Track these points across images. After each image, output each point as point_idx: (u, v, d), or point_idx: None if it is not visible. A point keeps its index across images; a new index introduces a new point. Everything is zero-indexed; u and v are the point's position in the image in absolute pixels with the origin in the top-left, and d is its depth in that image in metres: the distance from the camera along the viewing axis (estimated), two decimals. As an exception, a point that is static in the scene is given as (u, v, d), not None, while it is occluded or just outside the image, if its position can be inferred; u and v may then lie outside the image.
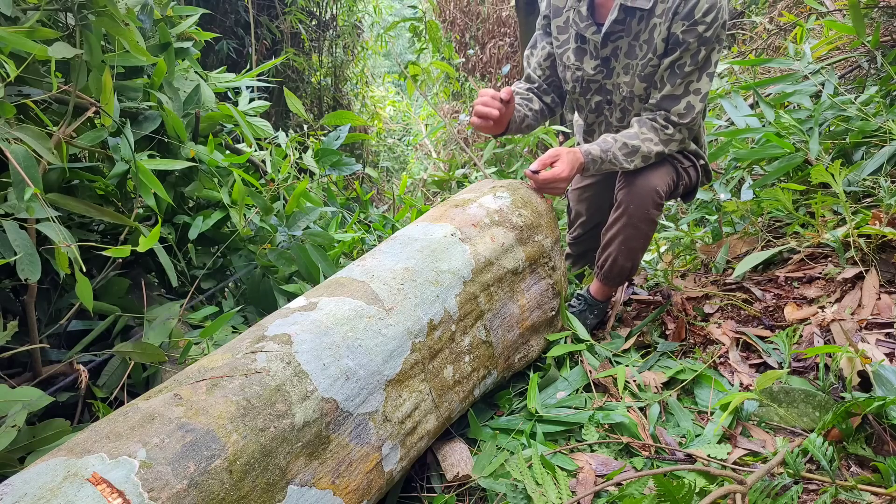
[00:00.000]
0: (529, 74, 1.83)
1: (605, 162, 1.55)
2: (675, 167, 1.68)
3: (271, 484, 0.86)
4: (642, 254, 1.70)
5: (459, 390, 1.26)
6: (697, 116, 1.54)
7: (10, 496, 0.71)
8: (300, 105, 2.33)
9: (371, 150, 7.68)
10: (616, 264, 1.68)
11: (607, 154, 1.54)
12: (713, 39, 1.48)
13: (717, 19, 1.45)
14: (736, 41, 4.82)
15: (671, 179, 1.66)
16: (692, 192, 1.84)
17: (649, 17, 1.52)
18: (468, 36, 6.98)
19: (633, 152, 1.55)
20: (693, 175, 1.76)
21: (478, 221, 1.45)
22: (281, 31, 5.77)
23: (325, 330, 1.05)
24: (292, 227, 2.00)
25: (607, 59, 1.64)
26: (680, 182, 1.71)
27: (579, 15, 1.64)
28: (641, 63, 1.57)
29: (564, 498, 1.11)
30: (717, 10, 1.45)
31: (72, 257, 1.13)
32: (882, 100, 2.07)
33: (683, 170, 1.72)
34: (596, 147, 1.54)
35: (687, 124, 1.55)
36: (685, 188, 1.77)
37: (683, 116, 1.53)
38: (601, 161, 1.54)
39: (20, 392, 1.12)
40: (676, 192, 1.74)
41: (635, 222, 1.61)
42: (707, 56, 1.50)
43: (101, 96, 1.41)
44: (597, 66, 1.66)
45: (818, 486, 1.05)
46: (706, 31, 1.46)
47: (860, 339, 1.33)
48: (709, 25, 1.45)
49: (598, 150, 1.54)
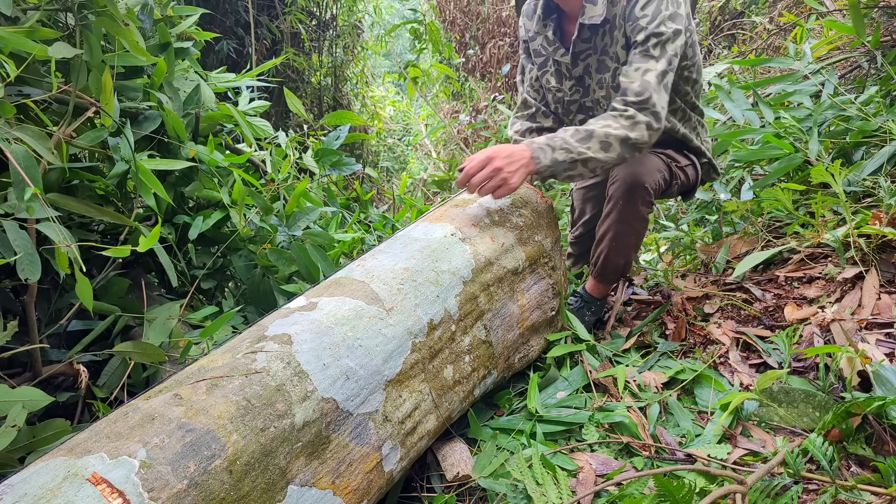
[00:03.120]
0: (526, 99, 1.83)
1: (557, 149, 1.38)
2: (669, 165, 1.66)
3: (271, 484, 0.86)
4: (635, 250, 1.70)
5: (459, 390, 1.26)
6: (656, 95, 1.42)
7: (10, 496, 0.71)
8: (300, 105, 2.33)
9: (371, 150, 7.68)
10: (609, 261, 1.68)
11: (555, 140, 1.39)
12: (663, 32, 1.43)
13: (659, 11, 1.43)
14: (736, 41, 4.82)
15: (662, 177, 1.63)
16: (691, 190, 1.82)
17: (611, 30, 1.53)
18: (468, 36, 6.98)
19: (587, 137, 1.39)
20: (691, 174, 1.75)
21: (478, 221, 1.45)
22: (281, 31, 5.77)
23: (325, 330, 1.05)
24: (292, 227, 2.00)
25: (581, 78, 1.66)
26: (674, 181, 1.68)
27: (547, 39, 1.67)
28: (610, 76, 1.58)
29: (564, 498, 1.11)
30: (656, 1, 1.43)
31: (72, 257, 1.13)
32: (882, 100, 2.07)
33: (679, 168, 1.70)
34: (543, 137, 1.41)
35: (644, 103, 1.41)
36: (681, 187, 1.74)
37: (640, 94, 1.41)
38: (551, 148, 1.38)
39: (20, 392, 1.12)
40: (671, 191, 1.72)
41: (625, 218, 1.60)
42: (660, 44, 1.43)
43: (101, 96, 1.41)
44: (572, 86, 1.68)
45: (818, 486, 1.05)
46: (650, 24, 1.43)
47: (860, 339, 1.33)
48: (652, 17, 1.43)
49: (544, 139, 1.40)
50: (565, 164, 1.38)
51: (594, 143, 1.38)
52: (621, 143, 1.39)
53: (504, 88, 6.37)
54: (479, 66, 6.87)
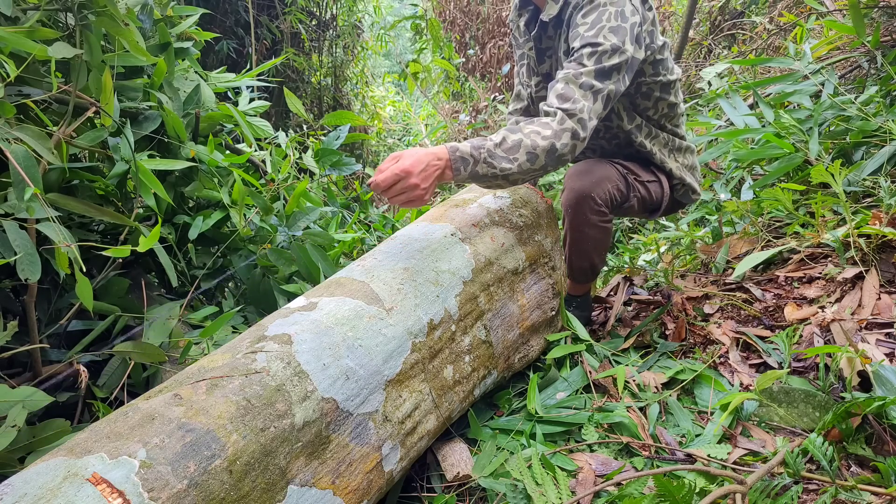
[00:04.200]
0: (519, 91, 1.81)
1: (480, 162, 1.25)
2: (625, 176, 1.60)
3: (271, 484, 0.86)
4: (598, 254, 1.66)
5: (459, 390, 1.26)
6: (583, 103, 1.31)
7: (10, 496, 0.71)
8: (300, 105, 2.33)
9: (371, 150, 7.68)
10: (573, 264, 1.68)
11: (480, 151, 1.25)
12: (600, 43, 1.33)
13: (600, 21, 1.35)
14: (736, 41, 4.82)
15: (616, 189, 1.57)
16: (656, 209, 1.73)
17: (560, 32, 1.49)
18: (468, 36, 6.98)
19: (515, 147, 1.27)
20: (654, 191, 1.66)
21: (478, 221, 1.45)
22: (281, 31, 5.77)
23: (325, 330, 1.05)
24: (292, 227, 2.00)
25: (547, 75, 1.64)
26: (631, 193, 1.60)
27: (520, 31, 1.64)
28: None
29: (564, 498, 1.11)
30: (598, 10, 1.35)
31: (72, 257, 1.13)
32: (882, 100, 2.07)
33: (639, 182, 1.62)
34: (467, 143, 1.27)
35: (569, 110, 1.29)
36: (643, 202, 1.66)
37: (563, 100, 1.31)
38: (473, 160, 1.25)
39: (20, 392, 1.12)
40: (627, 205, 1.62)
41: (576, 227, 1.58)
42: (595, 55, 1.33)
43: (101, 96, 1.41)
44: (539, 82, 1.66)
45: (818, 486, 1.05)
46: (588, 31, 1.35)
47: (860, 339, 1.33)
48: (591, 26, 1.35)
49: (469, 147, 1.26)
50: (485, 179, 1.28)
51: (521, 155, 1.27)
52: (547, 153, 1.29)
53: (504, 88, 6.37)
54: (479, 66, 6.87)
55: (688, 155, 1.74)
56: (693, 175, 1.76)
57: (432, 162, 1.21)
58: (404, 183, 1.18)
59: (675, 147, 1.70)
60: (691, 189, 1.74)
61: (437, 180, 1.23)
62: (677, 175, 1.69)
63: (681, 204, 1.80)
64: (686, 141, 1.73)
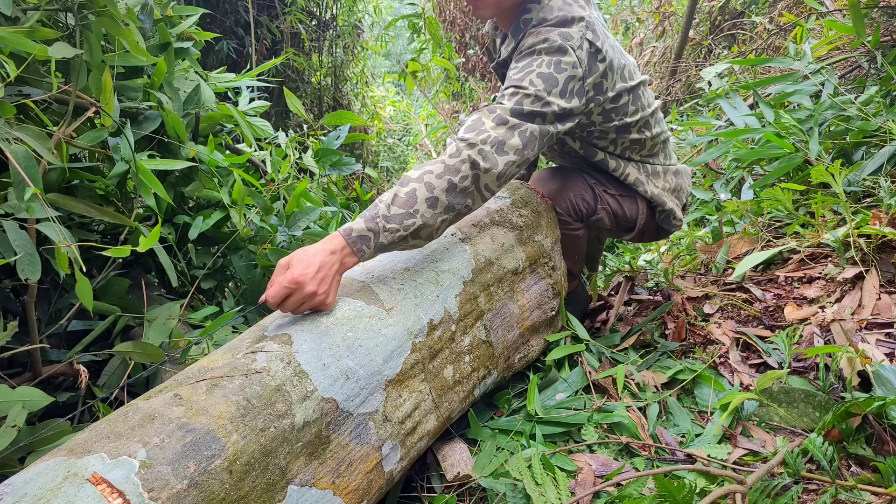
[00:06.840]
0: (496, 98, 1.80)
1: (381, 232, 1.12)
2: (593, 189, 1.55)
3: (271, 484, 0.86)
4: (571, 259, 1.65)
5: (459, 390, 1.26)
6: (489, 133, 1.19)
7: (10, 496, 0.71)
8: (300, 105, 2.33)
9: (371, 150, 7.68)
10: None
11: (376, 221, 1.12)
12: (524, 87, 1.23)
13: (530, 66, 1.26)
14: (736, 41, 4.82)
15: (581, 199, 1.53)
16: (631, 228, 1.64)
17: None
18: (468, 36, 6.98)
19: (410, 199, 1.14)
20: (629, 207, 1.60)
21: (478, 221, 1.45)
22: (281, 31, 5.77)
23: (325, 330, 1.05)
24: (292, 227, 2.00)
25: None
26: (598, 206, 1.55)
27: (494, 45, 1.59)
28: None
29: (564, 498, 1.11)
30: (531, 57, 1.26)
31: (72, 257, 1.13)
32: (882, 100, 2.07)
33: (608, 194, 1.56)
34: (360, 219, 1.13)
35: (469, 140, 1.18)
36: (614, 218, 1.59)
37: (468, 130, 1.21)
38: (374, 234, 1.11)
39: (20, 392, 1.12)
40: (595, 217, 1.57)
41: None
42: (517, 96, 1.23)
43: (101, 96, 1.41)
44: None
45: (818, 486, 1.05)
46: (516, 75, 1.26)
47: (860, 339, 1.33)
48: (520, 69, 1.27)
49: (363, 222, 1.12)
50: (399, 244, 1.16)
51: (420, 205, 1.14)
52: (447, 192, 1.15)
53: (504, 88, 6.35)
54: (479, 66, 6.87)
55: (668, 177, 1.65)
56: (676, 197, 1.67)
57: (325, 260, 1.07)
58: (298, 295, 1.04)
59: (650, 172, 1.61)
60: (672, 214, 1.65)
61: (339, 275, 1.11)
62: (657, 199, 1.61)
63: (664, 230, 1.72)
64: (667, 164, 1.65)
